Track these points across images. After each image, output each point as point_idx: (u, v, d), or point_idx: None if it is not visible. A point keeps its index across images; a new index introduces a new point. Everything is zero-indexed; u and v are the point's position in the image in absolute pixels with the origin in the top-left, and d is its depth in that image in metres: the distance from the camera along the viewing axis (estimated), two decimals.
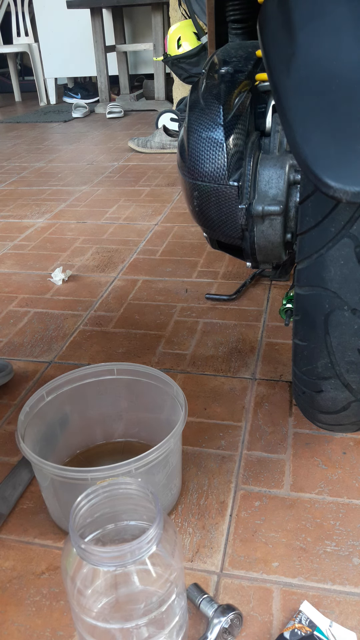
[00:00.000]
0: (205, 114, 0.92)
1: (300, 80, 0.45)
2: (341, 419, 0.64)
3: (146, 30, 3.88)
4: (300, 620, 0.54)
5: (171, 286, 1.29)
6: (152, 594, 0.47)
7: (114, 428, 0.79)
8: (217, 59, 1.04)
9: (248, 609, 0.58)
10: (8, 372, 0.95)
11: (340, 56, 0.44)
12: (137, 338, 1.08)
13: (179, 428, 0.63)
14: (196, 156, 0.92)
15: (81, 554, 0.43)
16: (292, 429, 0.83)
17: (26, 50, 4.10)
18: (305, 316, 0.56)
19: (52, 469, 0.58)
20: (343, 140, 0.42)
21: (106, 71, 3.67)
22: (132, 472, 0.58)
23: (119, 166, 2.40)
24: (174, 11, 2.84)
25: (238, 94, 0.92)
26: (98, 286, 1.31)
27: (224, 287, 1.27)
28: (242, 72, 0.97)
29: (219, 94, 0.92)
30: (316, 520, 0.68)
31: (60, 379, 0.72)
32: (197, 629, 0.56)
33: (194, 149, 0.93)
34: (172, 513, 0.70)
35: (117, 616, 0.47)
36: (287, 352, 1.01)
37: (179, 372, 0.97)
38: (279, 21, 0.48)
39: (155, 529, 0.44)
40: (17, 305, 1.24)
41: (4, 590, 0.61)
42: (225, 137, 0.90)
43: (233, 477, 0.75)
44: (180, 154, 0.96)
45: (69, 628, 0.57)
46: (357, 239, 0.48)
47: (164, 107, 3.51)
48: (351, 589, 0.59)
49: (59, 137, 3.13)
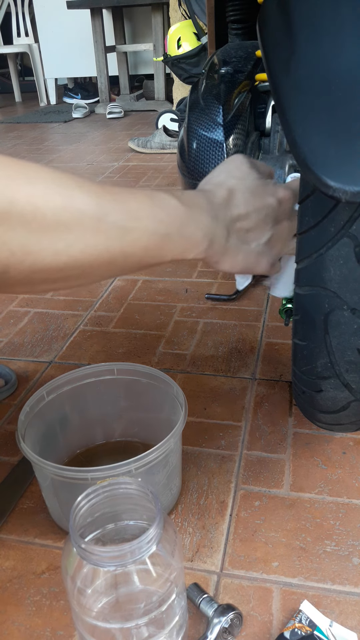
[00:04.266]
0: (205, 114, 0.92)
1: (300, 80, 0.45)
2: (341, 419, 0.64)
3: (146, 30, 3.89)
4: (301, 619, 0.54)
5: (171, 286, 1.29)
6: (152, 593, 0.47)
7: (113, 428, 0.79)
8: (217, 59, 1.04)
9: (248, 609, 0.58)
10: (12, 384, 0.94)
11: (340, 56, 0.44)
12: (137, 338, 1.08)
13: (179, 428, 0.63)
14: (196, 156, 0.92)
15: (81, 553, 0.43)
16: (292, 429, 0.83)
17: (26, 51, 4.10)
18: (304, 316, 0.56)
19: (52, 468, 0.59)
20: (343, 140, 0.42)
21: (106, 71, 3.67)
22: (132, 472, 0.58)
23: (119, 166, 2.40)
24: (174, 11, 2.84)
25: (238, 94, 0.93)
26: (98, 286, 1.31)
27: (224, 287, 1.27)
28: (242, 72, 0.97)
29: (219, 94, 0.92)
30: (316, 520, 0.68)
31: (60, 379, 0.72)
32: (197, 629, 0.56)
33: (194, 149, 0.93)
34: (172, 513, 0.70)
35: (117, 616, 0.47)
36: (286, 352, 1.01)
37: (179, 372, 0.98)
38: (279, 21, 0.48)
39: (155, 528, 0.44)
40: (17, 305, 1.24)
41: (4, 590, 0.61)
42: (225, 137, 0.91)
43: (233, 477, 0.75)
44: (180, 154, 0.96)
45: (69, 628, 0.57)
46: (356, 239, 0.48)
47: (164, 107, 3.51)
48: (351, 589, 0.59)
49: (59, 138, 3.14)
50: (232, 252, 0.54)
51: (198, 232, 0.50)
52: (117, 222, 0.44)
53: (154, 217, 0.47)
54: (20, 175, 0.39)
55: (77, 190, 0.42)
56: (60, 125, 3.49)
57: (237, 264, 0.56)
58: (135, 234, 0.45)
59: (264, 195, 0.56)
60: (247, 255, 0.56)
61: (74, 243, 0.42)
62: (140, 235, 0.46)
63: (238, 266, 0.56)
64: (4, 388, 0.93)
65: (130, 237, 0.45)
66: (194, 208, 0.51)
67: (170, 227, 0.48)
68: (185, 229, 0.49)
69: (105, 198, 0.44)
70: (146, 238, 0.46)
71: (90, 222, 0.42)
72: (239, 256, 0.55)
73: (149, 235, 0.46)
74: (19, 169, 0.39)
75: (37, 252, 0.40)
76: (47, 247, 0.40)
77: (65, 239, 0.41)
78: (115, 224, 0.44)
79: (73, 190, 0.42)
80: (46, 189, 0.40)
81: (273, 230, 0.57)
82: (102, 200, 0.43)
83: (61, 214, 0.40)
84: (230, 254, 0.54)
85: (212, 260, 0.54)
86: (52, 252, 0.41)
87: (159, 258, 0.49)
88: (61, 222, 0.40)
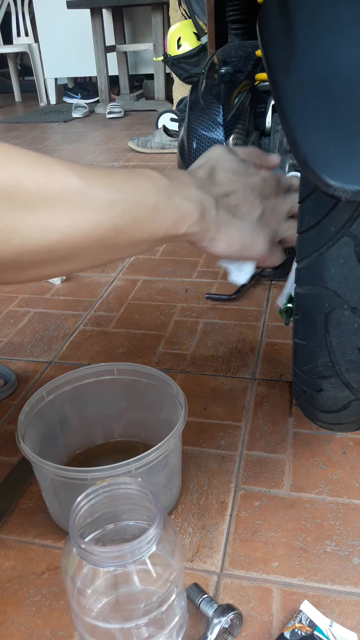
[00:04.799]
0: (205, 114, 0.92)
1: (300, 79, 0.45)
2: (341, 418, 0.64)
3: (146, 30, 3.89)
4: (301, 619, 0.54)
5: (171, 286, 1.29)
6: (152, 593, 0.47)
7: (113, 428, 0.78)
8: (217, 59, 1.04)
9: (248, 609, 0.58)
10: (12, 384, 0.94)
11: (340, 56, 0.44)
12: (137, 338, 1.08)
13: (179, 428, 0.62)
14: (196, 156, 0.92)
15: (81, 554, 0.43)
16: (292, 429, 0.83)
17: (26, 50, 4.10)
18: (305, 315, 0.56)
19: (52, 469, 0.58)
20: (343, 139, 0.42)
21: (106, 71, 3.67)
22: (132, 472, 0.58)
23: (119, 166, 2.40)
24: (174, 11, 2.84)
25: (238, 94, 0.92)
26: (98, 286, 1.31)
27: (224, 287, 1.27)
28: (242, 72, 0.97)
29: (219, 94, 0.92)
30: (316, 520, 0.68)
31: (60, 379, 0.72)
32: (197, 629, 0.56)
33: (194, 149, 0.93)
34: (172, 513, 0.70)
35: (117, 616, 0.47)
36: (287, 352, 1.01)
37: (179, 372, 0.97)
38: (279, 21, 0.48)
39: (155, 528, 0.44)
40: (17, 305, 1.24)
41: (4, 590, 0.61)
42: (225, 137, 0.91)
43: (233, 477, 0.75)
44: (180, 154, 0.96)
45: (69, 628, 0.57)
46: (357, 238, 0.48)
47: (164, 107, 3.51)
48: (351, 589, 0.59)
49: (59, 137, 3.14)
50: (226, 225, 0.53)
51: (187, 202, 0.49)
52: (102, 195, 0.43)
53: (140, 189, 0.46)
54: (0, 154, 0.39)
55: (59, 166, 0.42)
56: (60, 125, 3.49)
57: (233, 241, 0.54)
58: (123, 206, 0.44)
59: (246, 173, 0.56)
60: (242, 231, 0.54)
61: (60, 218, 0.41)
62: (128, 207, 0.45)
63: (235, 245, 0.54)
64: (3, 388, 0.93)
65: (118, 209, 0.44)
66: (179, 181, 0.50)
67: (158, 198, 0.47)
68: (173, 200, 0.48)
69: (87, 173, 0.43)
70: (134, 209, 0.45)
71: (75, 195, 0.42)
72: (234, 231, 0.53)
73: (137, 206, 0.45)
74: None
75: (24, 229, 0.39)
76: (33, 223, 0.39)
77: (52, 215, 0.40)
78: (100, 197, 0.43)
79: (55, 167, 0.41)
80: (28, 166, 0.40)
81: (263, 206, 0.56)
82: (84, 175, 0.43)
83: (45, 189, 0.40)
84: (224, 229, 0.53)
85: (207, 238, 0.52)
86: (39, 228, 0.40)
87: (152, 232, 0.47)
88: (45, 197, 0.40)
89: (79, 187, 0.42)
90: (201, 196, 0.51)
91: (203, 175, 0.54)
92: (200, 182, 0.53)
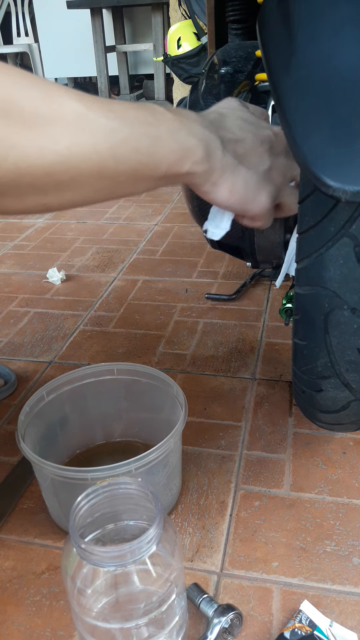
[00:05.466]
0: None
1: (300, 80, 0.45)
2: (341, 418, 0.64)
3: (146, 30, 3.88)
4: (301, 619, 0.54)
5: (171, 286, 1.29)
6: (152, 593, 0.47)
7: (113, 428, 0.79)
8: (217, 59, 1.04)
9: (248, 609, 0.58)
10: (12, 384, 0.94)
11: (340, 56, 0.44)
12: (137, 338, 1.08)
13: (179, 428, 0.63)
14: None
15: (81, 553, 0.43)
16: (292, 429, 0.83)
17: (26, 51, 4.10)
18: (304, 315, 0.56)
19: (52, 468, 0.59)
20: (342, 139, 0.42)
21: (106, 71, 3.67)
22: (132, 472, 0.58)
23: None
24: (174, 11, 2.84)
25: (238, 94, 0.92)
26: (98, 286, 1.31)
27: (224, 287, 1.27)
28: (242, 72, 0.97)
29: (219, 94, 0.92)
30: (316, 520, 0.68)
31: (60, 379, 0.72)
32: (197, 629, 0.56)
33: None
34: (172, 513, 0.70)
35: (117, 616, 0.47)
36: (287, 352, 1.01)
37: (179, 372, 0.98)
38: (279, 21, 0.48)
39: (155, 528, 0.44)
40: (17, 305, 1.24)
41: (4, 590, 0.61)
42: None
43: (233, 477, 0.75)
44: None
45: (69, 628, 0.57)
46: (356, 239, 0.48)
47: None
48: (351, 589, 0.59)
49: None
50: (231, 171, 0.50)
51: (191, 137, 0.46)
52: (101, 120, 0.41)
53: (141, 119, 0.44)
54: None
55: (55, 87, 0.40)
56: None
57: (236, 190, 0.51)
58: (123, 134, 0.42)
59: (258, 125, 0.54)
60: (247, 180, 0.51)
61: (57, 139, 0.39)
62: (129, 135, 0.43)
63: (237, 194, 0.51)
64: (3, 388, 0.93)
65: (118, 136, 0.42)
66: (184, 116, 0.47)
67: (160, 130, 0.45)
68: (177, 133, 0.45)
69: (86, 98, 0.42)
70: (135, 139, 0.43)
71: (73, 116, 0.40)
72: (238, 179, 0.50)
73: (138, 136, 0.43)
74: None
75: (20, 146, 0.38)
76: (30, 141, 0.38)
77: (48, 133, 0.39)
78: (99, 122, 0.41)
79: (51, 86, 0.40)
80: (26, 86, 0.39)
81: (271, 161, 0.53)
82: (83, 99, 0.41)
83: (40, 107, 0.39)
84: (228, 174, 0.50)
85: (210, 181, 0.49)
86: (36, 146, 0.39)
87: (154, 167, 0.45)
88: (41, 115, 0.39)
89: (77, 110, 0.40)
90: (207, 135, 0.48)
91: (212, 118, 0.51)
92: (208, 122, 0.50)
